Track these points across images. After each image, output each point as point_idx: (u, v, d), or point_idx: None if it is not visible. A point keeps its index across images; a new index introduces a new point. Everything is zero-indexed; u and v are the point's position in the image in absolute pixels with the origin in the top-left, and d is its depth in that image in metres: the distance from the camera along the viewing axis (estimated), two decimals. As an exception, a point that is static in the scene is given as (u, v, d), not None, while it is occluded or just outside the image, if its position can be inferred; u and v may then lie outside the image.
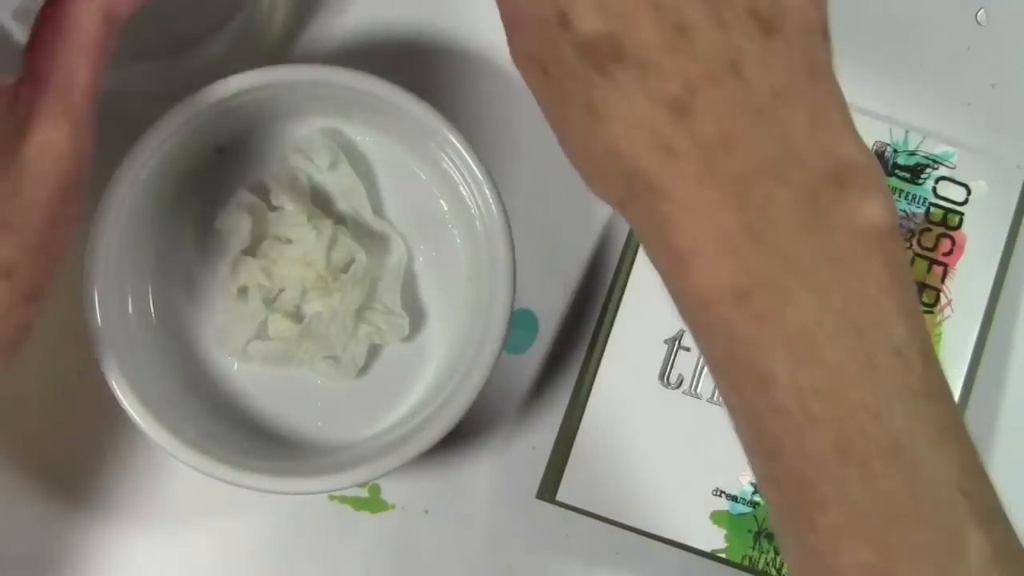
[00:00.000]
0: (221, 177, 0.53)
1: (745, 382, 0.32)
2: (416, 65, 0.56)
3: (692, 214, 0.32)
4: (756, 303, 0.31)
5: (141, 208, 0.49)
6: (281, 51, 0.55)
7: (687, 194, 0.32)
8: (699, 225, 0.32)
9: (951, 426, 0.32)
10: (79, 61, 0.40)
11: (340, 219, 0.53)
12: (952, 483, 0.32)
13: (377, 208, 0.54)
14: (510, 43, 0.37)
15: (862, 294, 0.32)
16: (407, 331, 0.53)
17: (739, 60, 0.32)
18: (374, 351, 0.53)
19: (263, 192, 0.53)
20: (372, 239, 0.53)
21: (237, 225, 0.52)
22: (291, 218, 0.52)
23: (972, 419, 0.55)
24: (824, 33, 0.35)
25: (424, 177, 0.53)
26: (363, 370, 0.53)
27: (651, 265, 0.54)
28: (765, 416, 0.32)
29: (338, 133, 0.53)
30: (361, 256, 0.52)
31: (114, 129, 0.52)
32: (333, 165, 0.53)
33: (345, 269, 0.52)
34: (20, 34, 0.46)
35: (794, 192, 0.32)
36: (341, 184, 0.53)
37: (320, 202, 0.53)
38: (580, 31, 0.33)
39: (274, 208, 0.52)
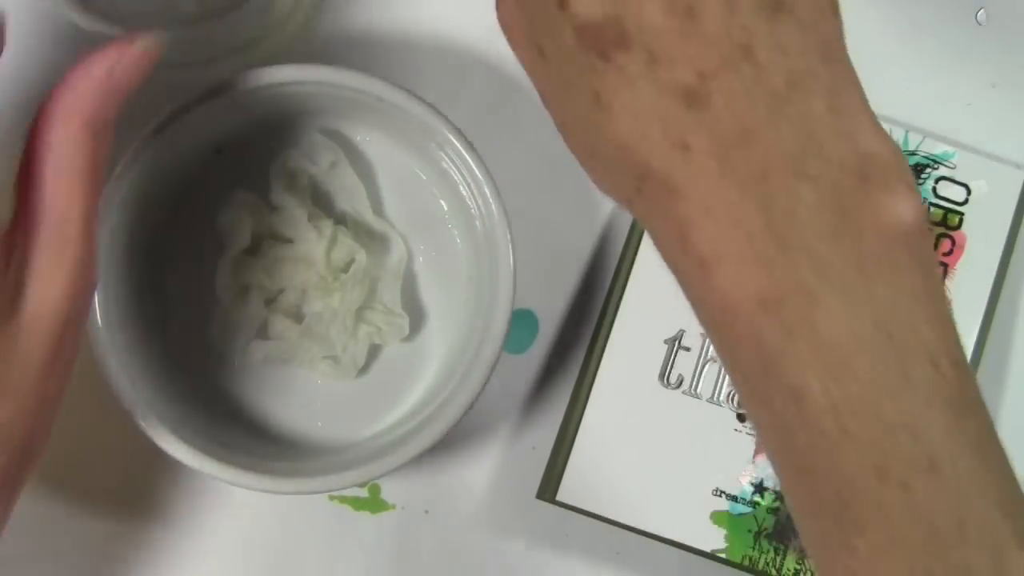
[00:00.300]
0: (221, 177, 0.53)
1: (774, 396, 0.30)
2: (416, 65, 0.56)
3: (712, 216, 0.30)
4: (785, 312, 0.29)
5: (141, 208, 0.49)
6: (304, 32, 0.55)
7: (706, 194, 0.30)
8: (721, 228, 0.30)
9: (987, 439, 0.31)
10: (73, 192, 0.37)
11: (340, 219, 0.53)
12: (992, 501, 0.30)
13: (377, 208, 0.54)
14: (500, 15, 0.34)
15: (894, 301, 0.30)
16: (407, 331, 0.53)
17: (751, 43, 0.30)
18: (374, 351, 0.53)
19: (263, 192, 0.53)
20: (372, 239, 0.53)
21: (237, 225, 0.52)
22: (291, 218, 0.52)
23: (972, 419, 0.55)
24: (835, 9, 0.33)
25: (424, 177, 0.53)
26: (363, 370, 0.53)
27: (651, 265, 0.54)
28: (797, 433, 0.30)
29: (338, 133, 0.53)
30: (361, 256, 0.52)
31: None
32: (333, 165, 0.53)
33: (345, 269, 0.52)
34: (82, 21, 0.45)
35: (817, 190, 0.30)
36: (341, 184, 0.53)
37: (320, 202, 0.53)
38: (579, 14, 0.31)
39: (274, 208, 0.52)
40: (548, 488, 0.53)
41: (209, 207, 0.52)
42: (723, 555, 0.53)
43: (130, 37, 0.38)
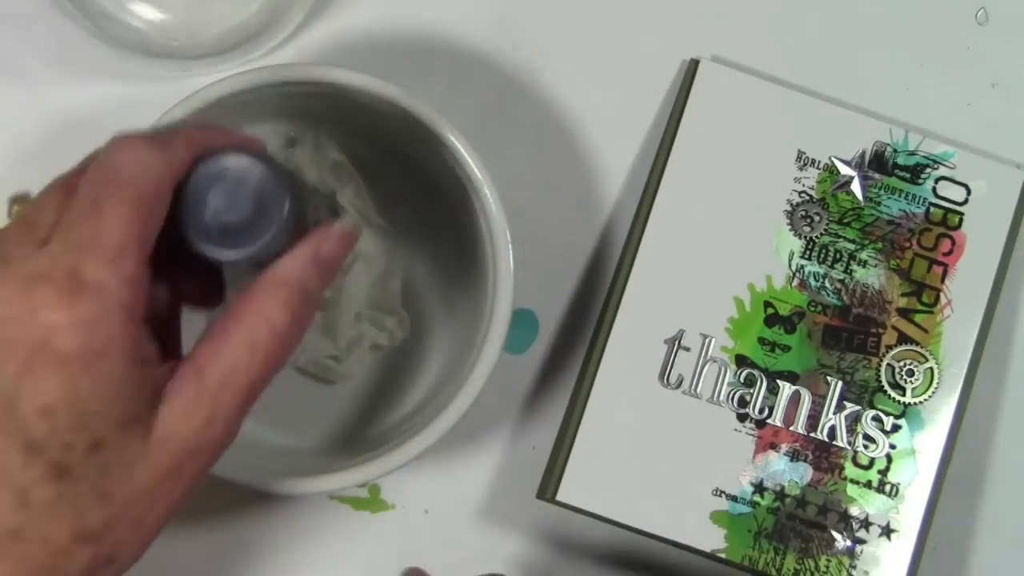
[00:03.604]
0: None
1: None
2: (416, 65, 0.56)
3: None
4: None
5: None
6: (304, 32, 0.55)
7: None
8: None
9: None
10: (245, 367, 0.39)
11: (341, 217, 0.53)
12: None
13: (377, 208, 0.54)
14: None
15: None
16: (408, 330, 0.53)
17: None
18: (374, 351, 0.53)
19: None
20: (373, 239, 0.53)
21: None
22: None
23: (972, 419, 0.55)
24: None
25: (424, 177, 0.53)
26: (364, 370, 0.53)
27: (651, 265, 0.54)
28: None
29: (340, 132, 0.53)
30: (363, 257, 0.52)
31: (112, 128, 0.53)
32: (335, 164, 0.53)
33: (347, 270, 0.52)
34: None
35: None
36: (343, 183, 0.53)
37: (321, 200, 0.53)
38: None
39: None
40: (548, 488, 0.53)
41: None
42: (723, 555, 0.53)
43: (330, 222, 0.42)
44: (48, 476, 0.36)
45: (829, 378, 0.54)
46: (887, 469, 0.54)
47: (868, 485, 0.54)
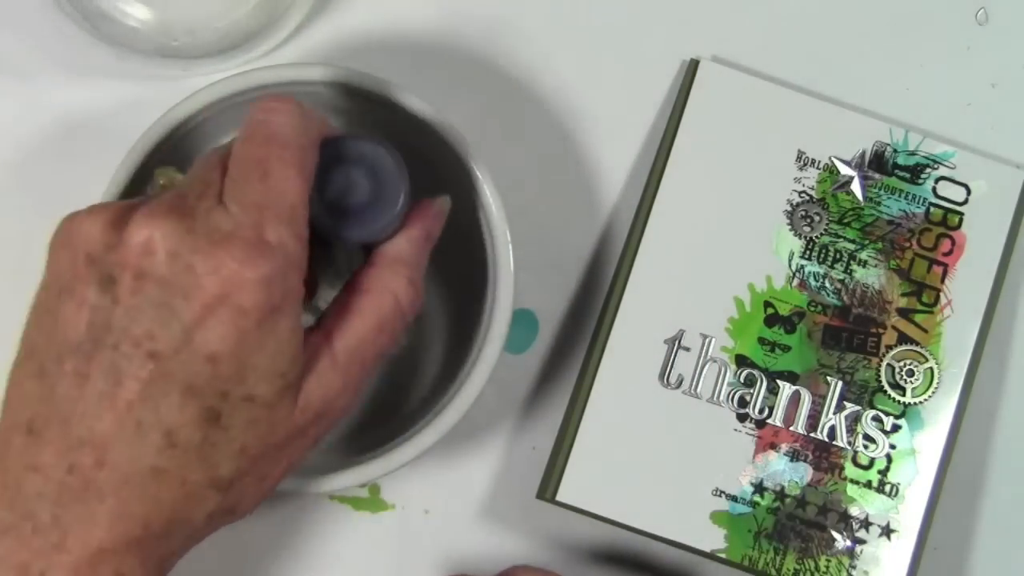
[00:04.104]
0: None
1: None
2: (416, 65, 0.56)
3: None
4: None
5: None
6: (304, 31, 0.56)
7: None
8: None
9: None
10: (373, 340, 0.42)
11: None
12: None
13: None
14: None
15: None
16: (411, 336, 0.53)
17: None
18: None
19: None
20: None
21: None
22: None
23: (972, 419, 0.55)
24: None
25: (423, 176, 0.53)
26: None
27: (651, 265, 0.54)
28: None
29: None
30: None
31: (112, 128, 0.53)
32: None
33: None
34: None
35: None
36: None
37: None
38: None
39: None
40: (548, 488, 0.53)
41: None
42: (723, 555, 0.53)
43: (431, 201, 0.46)
44: (199, 420, 0.38)
45: (829, 378, 0.54)
46: (887, 469, 0.54)
47: (868, 485, 0.54)
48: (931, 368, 0.54)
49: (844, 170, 0.55)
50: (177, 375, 0.37)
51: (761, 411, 0.54)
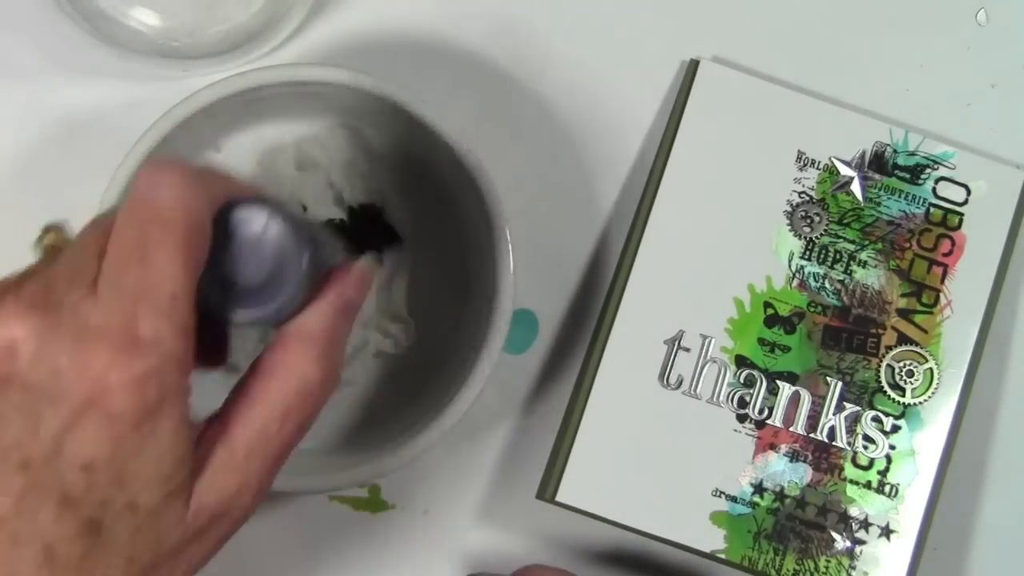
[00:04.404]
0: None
1: None
2: (416, 65, 0.56)
3: None
4: None
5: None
6: (303, 31, 0.55)
7: None
8: None
9: None
10: (278, 430, 0.38)
11: (353, 212, 0.52)
12: None
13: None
14: None
15: None
16: (413, 338, 0.53)
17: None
18: (377, 357, 0.53)
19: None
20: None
21: None
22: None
23: (972, 419, 0.55)
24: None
25: (424, 178, 0.53)
26: (365, 375, 0.53)
27: (651, 265, 0.54)
28: None
29: (357, 130, 0.53)
30: (375, 265, 0.52)
31: (112, 128, 0.53)
32: (349, 162, 0.53)
33: None
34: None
35: None
36: (353, 181, 0.53)
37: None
38: None
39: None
40: (548, 488, 0.53)
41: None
42: (722, 555, 0.53)
43: (350, 265, 0.40)
44: (79, 533, 0.35)
45: (829, 379, 0.54)
46: (887, 470, 0.54)
47: (868, 486, 0.54)
48: (931, 368, 0.54)
49: (844, 170, 0.55)
50: (51, 485, 0.35)
51: (761, 412, 0.54)
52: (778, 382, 0.54)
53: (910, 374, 0.54)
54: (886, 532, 0.54)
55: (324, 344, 0.38)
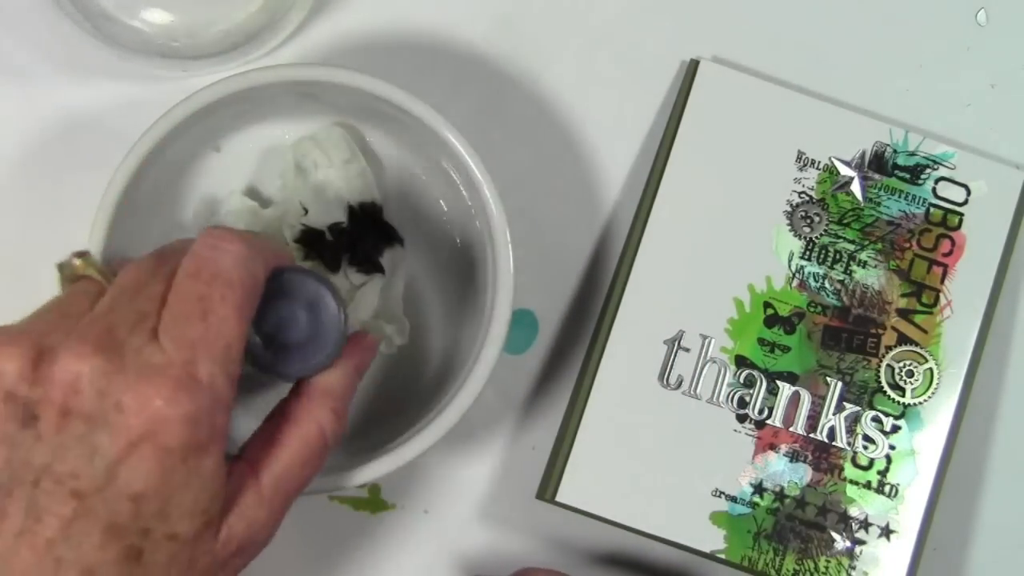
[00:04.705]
0: (221, 177, 0.53)
1: None
2: (416, 65, 0.56)
3: None
4: None
5: (140, 208, 0.49)
6: (303, 31, 0.55)
7: None
8: None
9: None
10: (298, 473, 0.42)
11: (352, 212, 0.52)
12: None
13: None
14: None
15: None
16: (407, 338, 0.53)
17: None
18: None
19: (259, 195, 0.53)
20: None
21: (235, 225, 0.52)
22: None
23: (972, 419, 0.55)
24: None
25: (424, 177, 0.53)
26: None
27: (651, 265, 0.54)
28: None
29: (354, 129, 0.53)
30: (377, 279, 0.52)
31: (112, 128, 0.53)
32: (347, 161, 0.52)
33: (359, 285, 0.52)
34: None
35: None
36: (352, 180, 0.53)
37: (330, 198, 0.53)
38: None
39: (267, 204, 0.52)
40: (548, 488, 0.53)
41: (209, 207, 0.52)
42: (722, 555, 0.53)
43: (365, 333, 0.46)
44: (120, 558, 0.37)
45: (829, 379, 0.54)
46: (887, 470, 0.54)
47: (868, 486, 0.54)
48: (931, 369, 0.54)
49: (844, 170, 0.55)
50: (100, 513, 0.37)
51: (761, 412, 0.54)
52: (778, 382, 0.54)
53: (910, 374, 0.54)
54: (886, 532, 0.54)
55: (340, 400, 0.43)
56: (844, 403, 0.54)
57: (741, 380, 0.54)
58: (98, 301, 0.40)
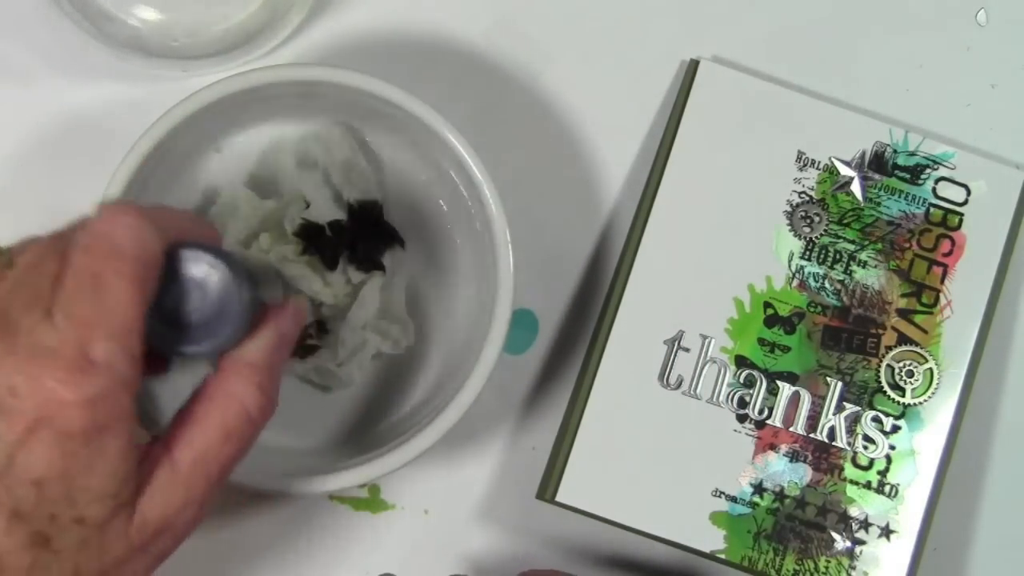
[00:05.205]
0: (221, 177, 0.53)
1: None
2: (415, 65, 0.56)
3: None
4: None
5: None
6: (304, 31, 0.55)
7: None
8: None
9: None
10: (218, 450, 0.40)
11: (352, 211, 0.52)
12: None
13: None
14: None
15: None
16: (412, 339, 0.53)
17: None
18: (376, 359, 0.53)
19: (260, 190, 0.53)
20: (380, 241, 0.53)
21: (231, 217, 0.51)
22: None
23: (972, 419, 0.55)
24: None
25: (424, 177, 0.54)
26: (364, 372, 0.53)
27: (651, 265, 0.54)
28: None
29: (354, 129, 0.53)
30: (377, 277, 0.52)
31: (112, 128, 0.53)
32: (348, 160, 0.53)
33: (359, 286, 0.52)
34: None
35: None
36: (352, 179, 0.53)
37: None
38: None
39: (267, 197, 0.52)
40: (548, 488, 0.53)
41: (209, 207, 0.52)
42: (722, 555, 0.53)
43: (286, 301, 0.44)
44: (27, 545, 0.37)
45: (829, 379, 0.54)
46: (887, 470, 0.54)
47: (868, 486, 0.54)
48: (931, 369, 0.54)
49: (844, 170, 0.55)
50: (2, 499, 0.36)
51: (761, 412, 0.54)
52: (778, 382, 0.54)
53: (910, 374, 0.54)
54: (886, 532, 0.54)
55: (262, 373, 0.41)
56: (844, 403, 0.54)
57: (741, 380, 0.54)
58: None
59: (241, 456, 0.41)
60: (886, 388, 0.54)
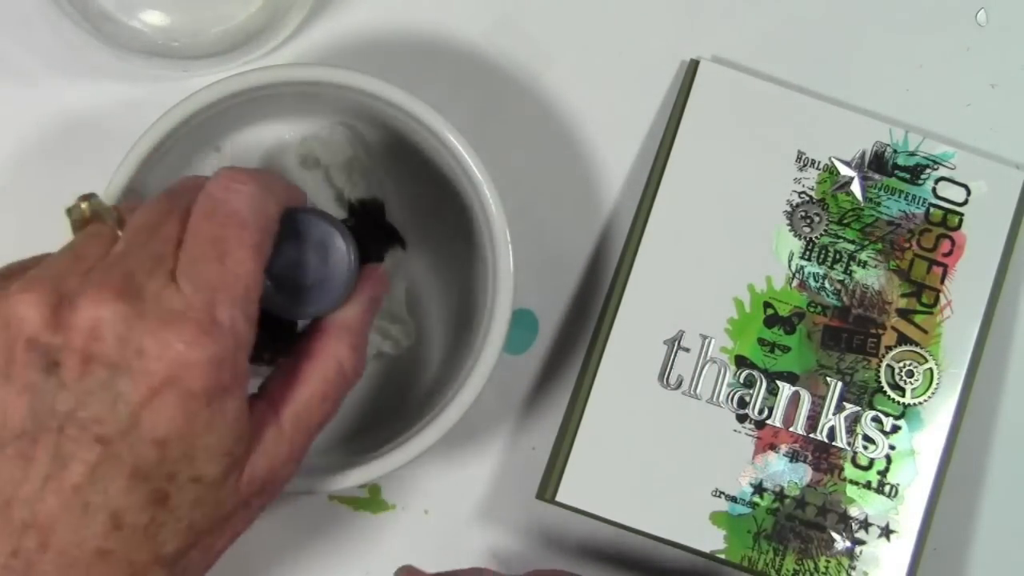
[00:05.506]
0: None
1: None
2: (416, 65, 0.56)
3: None
4: None
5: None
6: (304, 31, 0.56)
7: None
8: None
9: None
10: (318, 408, 0.42)
11: (353, 210, 0.52)
12: None
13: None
14: None
15: None
16: (413, 339, 0.53)
17: None
18: (377, 359, 0.53)
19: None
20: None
21: None
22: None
23: (972, 419, 0.55)
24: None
25: (424, 177, 0.53)
26: (364, 372, 0.53)
27: (651, 265, 0.54)
28: None
29: (354, 129, 0.53)
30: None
31: (112, 128, 0.53)
32: (347, 160, 0.53)
33: None
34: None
35: None
36: (352, 179, 0.53)
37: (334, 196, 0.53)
38: None
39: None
40: (548, 488, 0.53)
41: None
42: (722, 555, 0.53)
43: (375, 267, 0.46)
44: (146, 502, 0.38)
45: (829, 379, 0.54)
46: (887, 470, 0.54)
47: (868, 486, 0.54)
48: (931, 369, 0.54)
49: (844, 170, 0.55)
50: (125, 458, 0.37)
51: (760, 412, 0.54)
52: (778, 382, 0.54)
53: (910, 374, 0.54)
54: (886, 532, 0.54)
55: (358, 335, 0.43)
56: (844, 403, 0.54)
57: (741, 380, 0.54)
58: (111, 244, 0.40)
59: (334, 415, 0.43)
60: (886, 388, 0.54)
